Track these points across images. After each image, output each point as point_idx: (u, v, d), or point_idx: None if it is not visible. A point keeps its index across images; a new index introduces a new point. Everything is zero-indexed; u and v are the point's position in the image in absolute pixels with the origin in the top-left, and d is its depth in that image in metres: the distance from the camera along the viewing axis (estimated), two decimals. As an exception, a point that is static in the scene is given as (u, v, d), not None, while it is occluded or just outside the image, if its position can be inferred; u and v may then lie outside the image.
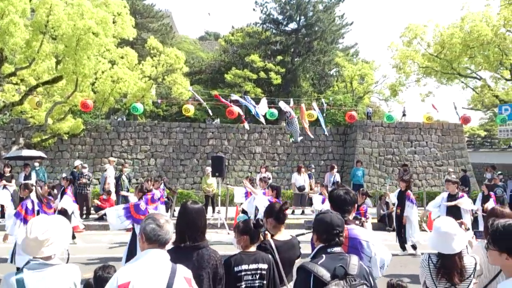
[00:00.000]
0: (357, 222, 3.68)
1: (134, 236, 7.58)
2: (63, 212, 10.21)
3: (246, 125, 19.35)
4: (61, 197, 10.63)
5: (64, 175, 12.63)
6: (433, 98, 31.29)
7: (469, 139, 41.78)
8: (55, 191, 9.76)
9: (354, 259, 2.97)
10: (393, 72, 32.57)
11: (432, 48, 25.28)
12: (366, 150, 22.09)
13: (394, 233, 11.18)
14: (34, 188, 8.31)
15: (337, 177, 16.58)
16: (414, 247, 10.40)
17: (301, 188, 15.91)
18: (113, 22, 15.27)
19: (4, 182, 13.57)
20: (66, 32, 13.80)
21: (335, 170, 16.78)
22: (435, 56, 24.87)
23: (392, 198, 11.01)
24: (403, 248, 10.45)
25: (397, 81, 28.04)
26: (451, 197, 9.25)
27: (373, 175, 21.67)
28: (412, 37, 25.40)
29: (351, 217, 3.77)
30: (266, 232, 3.95)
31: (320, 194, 11.51)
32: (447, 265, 3.55)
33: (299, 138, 17.49)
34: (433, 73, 25.74)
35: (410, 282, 4.98)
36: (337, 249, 3.06)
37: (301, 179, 16.06)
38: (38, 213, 7.82)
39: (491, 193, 11.73)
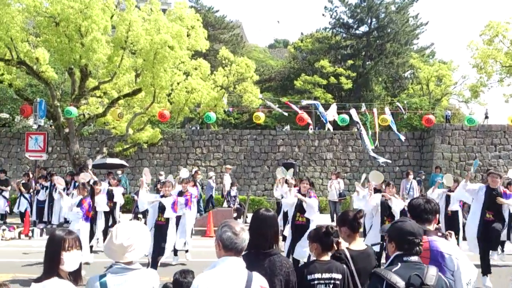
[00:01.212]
0: (439, 234, 3.47)
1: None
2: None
3: (310, 130, 19.35)
4: None
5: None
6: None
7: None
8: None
9: (432, 270, 2.83)
10: (474, 72, 30.71)
11: (516, 46, 23.58)
12: (446, 155, 20.98)
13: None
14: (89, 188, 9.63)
15: (414, 184, 15.89)
16: None
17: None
18: (187, 35, 15.88)
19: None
20: (144, 46, 14.57)
21: (411, 176, 16.12)
22: (520, 54, 23.17)
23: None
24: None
25: (478, 82, 26.36)
26: (491, 191, 8.34)
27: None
28: (493, 35, 23.83)
29: (432, 227, 3.57)
30: (340, 240, 3.86)
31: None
32: None
33: (381, 160, 17.09)
34: (518, 72, 23.98)
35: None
36: (414, 258, 2.94)
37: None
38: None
39: None
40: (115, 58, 15.34)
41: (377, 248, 7.50)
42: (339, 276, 3.51)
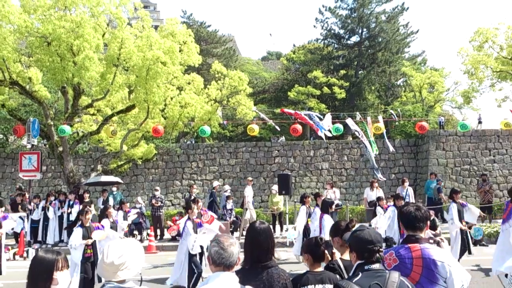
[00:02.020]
0: (431, 241, 3.48)
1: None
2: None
3: (319, 133, 18.97)
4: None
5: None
6: (510, 103, 29.37)
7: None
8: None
9: (393, 276, 2.85)
10: (465, 78, 31.03)
11: (505, 51, 23.79)
12: (441, 161, 21.04)
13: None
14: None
15: (410, 191, 15.90)
16: None
17: (372, 204, 15.47)
18: (180, 51, 15.98)
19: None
20: (137, 63, 14.63)
21: (407, 183, 16.11)
22: (510, 59, 23.38)
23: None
24: None
25: (470, 88, 26.59)
26: None
27: (449, 187, 20.50)
28: (482, 41, 24.09)
29: (424, 234, 3.57)
30: (334, 251, 3.86)
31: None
32: None
33: (379, 175, 17.16)
34: (509, 76, 24.18)
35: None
36: (376, 266, 2.95)
37: (373, 194, 15.59)
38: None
39: None
40: (108, 76, 15.39)
41: None
42: (332, 287, 3.51)
